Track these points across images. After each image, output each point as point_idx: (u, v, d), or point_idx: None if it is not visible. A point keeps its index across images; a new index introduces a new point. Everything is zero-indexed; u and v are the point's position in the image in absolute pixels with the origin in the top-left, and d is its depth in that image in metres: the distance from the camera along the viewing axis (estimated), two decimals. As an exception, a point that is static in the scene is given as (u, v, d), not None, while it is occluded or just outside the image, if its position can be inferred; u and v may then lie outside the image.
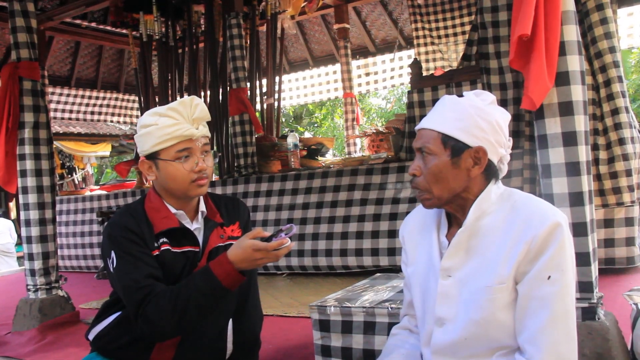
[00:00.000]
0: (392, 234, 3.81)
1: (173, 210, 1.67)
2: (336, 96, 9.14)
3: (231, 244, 1.55)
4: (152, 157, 1.64)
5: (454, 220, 1.35)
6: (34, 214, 3.47)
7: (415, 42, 6.71)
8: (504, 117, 1.31)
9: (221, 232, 1.72)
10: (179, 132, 1.60)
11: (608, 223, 3.28)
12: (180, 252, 1.64)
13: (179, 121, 1.60)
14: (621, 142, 3.21)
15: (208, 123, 1.72)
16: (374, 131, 5.09)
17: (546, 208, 1.24)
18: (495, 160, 1.30)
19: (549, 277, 1.17)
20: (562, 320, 1.17)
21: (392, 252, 3.80)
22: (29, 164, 3.45)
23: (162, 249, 1.62)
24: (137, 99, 7.21)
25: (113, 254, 1.57)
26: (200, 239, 1.69)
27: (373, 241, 3.91)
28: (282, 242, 1.46)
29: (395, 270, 3.61)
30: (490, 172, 1.31)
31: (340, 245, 4.04)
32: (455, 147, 1.27)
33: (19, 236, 8.27)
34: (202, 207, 1.74)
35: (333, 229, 4.11)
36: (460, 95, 1.34)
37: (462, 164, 1.27)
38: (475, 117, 1.27)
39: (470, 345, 1.26)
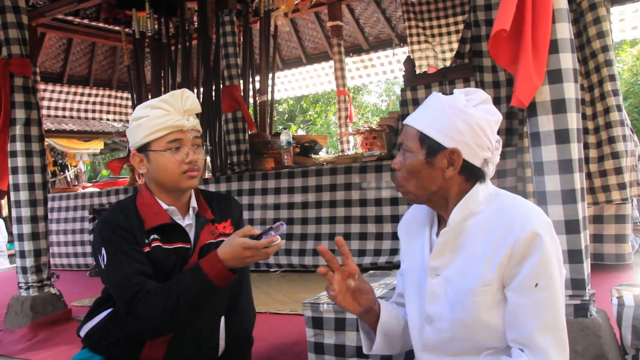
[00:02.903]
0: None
1: (165, 206, 1.67)
2: (326, 89, 9.09)
3: (222, 241, 1.54)
4: (143, 149, 1.64)
5: (442, 219, 1.34)
6: (25, 212, 3.44)
7: (408, 40, 6.70)
8: (491, 119, 1.26)
9: (212, 228, 1.71)
10: (170, 123, 1.60)
11: (597, 219, 3.30)
12: (171, 248, 1.64)
13: (169, 112, 1.62)
14: (611, 140, 3.22)
15: (201, 120, 1.72)
16: (367, 129, 5.09)
17: (530, 211, 1.22)
18: (478, 163, 1.27)
19: (537, 284, 1.17)
20: (552, 327, 1.17)
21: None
22: (20, 161, 3.41)
23: (153, 245, 1.61)
24: (129, 96, 7.17)
25: (104, 251, 1.56)
26: (191, 235, 1.68)
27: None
28: (272, 240, 1.46)
29: (389, 268, 3.61)
30: (471, 174, 1.28)
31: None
32: (431, 147, 1.26)
33: (10, 234, 8.24)
34: (194, 203, 1.73)
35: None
36: (451, 93, 1.32)
37: (436, 164, 1.26)
38: (454, 118, 1.24)
39: (457, 344, 1.26)
